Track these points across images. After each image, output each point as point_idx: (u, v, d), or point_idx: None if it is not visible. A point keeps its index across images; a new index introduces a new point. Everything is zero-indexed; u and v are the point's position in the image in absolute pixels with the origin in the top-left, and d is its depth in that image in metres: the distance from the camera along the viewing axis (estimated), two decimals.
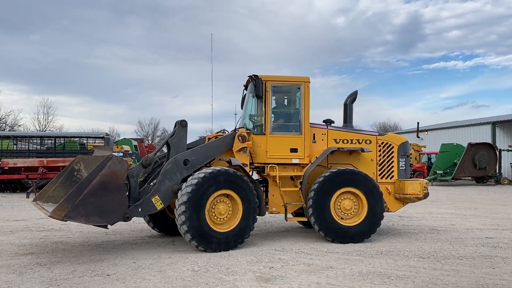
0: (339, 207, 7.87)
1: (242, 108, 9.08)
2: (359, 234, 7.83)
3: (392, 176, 8.66)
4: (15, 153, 22.79)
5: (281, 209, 8.13)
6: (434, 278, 5.57)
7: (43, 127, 52.33)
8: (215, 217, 7.15)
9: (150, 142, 62.44)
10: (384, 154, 8.67)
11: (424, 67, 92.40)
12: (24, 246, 7.44)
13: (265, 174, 8.07)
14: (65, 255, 6.75)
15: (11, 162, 19.81)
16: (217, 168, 7.15)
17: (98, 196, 6.29)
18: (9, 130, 43.18)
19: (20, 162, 19.80)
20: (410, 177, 9.43)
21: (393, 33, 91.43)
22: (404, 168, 8.73)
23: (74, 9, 75.22)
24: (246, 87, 9.03)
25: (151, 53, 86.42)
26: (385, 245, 7.63)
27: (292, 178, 8.22)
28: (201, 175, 6.98)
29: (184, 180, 7.27)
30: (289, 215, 8.54)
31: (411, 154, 32.24)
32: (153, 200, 7.06)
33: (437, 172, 26.71)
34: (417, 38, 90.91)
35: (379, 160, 8.64)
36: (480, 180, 27.00)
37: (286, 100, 8.70)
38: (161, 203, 7.09)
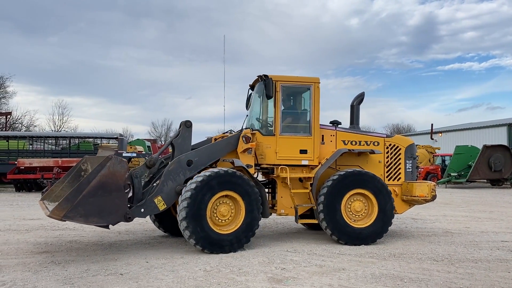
0: (349, 210, 7.82)
1: (247, 108, 9.03)
2: (372, 235, 7.79)
3: (399, 178, 8.63)
4: (30, 153, 23.14)
5: (290, 211, 8.06)
6: (448, 281, 5.51)
7: (58, 127, 53.04)
8: (219, 220, 7.08)
9: (163, 143, 62.85)
10: (391, 156, 8.64)
11: (438, 69, 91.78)
12: (39, 245, 7.55)
13: (274, 175, 7.99)
14: (79, 254, 6.83)
15: (27, 162, 20.11)
16: (207, 173, 6.99)
17: (97, 196, 6.29)
18: (25, 131, 43.84)
19: (36, 162, 20.09)
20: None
21: (407, 35, 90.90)
22: (410, 170, 8.72)
23: (91, 12, 76.37)
24: (252, 87, 8.97)
25: (165, 55, 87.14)
26: (398, 247, 7.57)
27: (300, 179, 8.16)
28: (193, 185, 6.82)
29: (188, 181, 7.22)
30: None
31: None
32: (155, 200, 7.05)
33: (451, 174, 26.38)
34: (432, 40, 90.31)
35: (387, 162, 8.61)
36: (496, 182, 26.59)
37: (295, 101, 8.61)
38: (163, 204, 7.07)
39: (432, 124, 45.94)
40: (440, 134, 44.92)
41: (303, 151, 8.05)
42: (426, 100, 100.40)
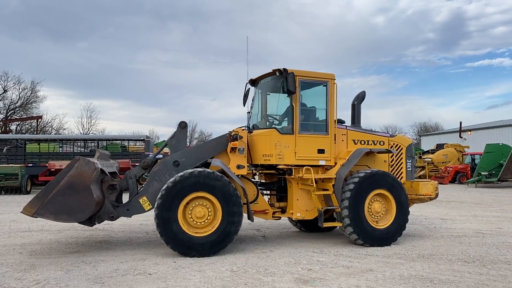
0: (371, 212, 7.64)
1: (244, 105, 8.64)
2: (397, 230, 7.73)
3: (401, 177, 8.56)
4: (60, 156, 23.78)
5: (306, 214, 7.79)
6: (479, 283, 5.38)
7: (87, 130, 54.33)
8: (199, 223, 6.83)
9: (188, 144, 63.48)
10: (395, 155, 8.56)
11: (467, 65, 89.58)
12: (70, 245, 7.75)
13: (292, 176, 7.62)
14: (108, 254, 6.98)
15: (57, 164, 20.68)
16: (164, 186, 6.76)
17: (66, 195, 6.63)
18: (55, 134, 45.10)
19: (66, 164, 20.58)
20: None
21: (435, 31, 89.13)
22: (410, 169, 8.71)
23: (119, 17, 77.90)
24: (253, 82, 8.49)
25: (190, 57, 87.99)
26: (427, 248, 7.42)
27: (315, 180, 7.71)
28: (156, 211, 6.66)
29: None
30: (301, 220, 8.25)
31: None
32: (140, 201, 7.14)
33: (482, 173, 25.70)
34: (460, 36, 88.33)
35: (391, 161, 8.54)
36: None
37: (312, 98, 8.07)
38: (149, 204, 7.11)
39: (460, 122, 45.00)
40: (469, 132, 43.87)
41: (321, 151, 7.78)
42: (455, 97, 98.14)
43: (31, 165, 21.74)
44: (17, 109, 47.16)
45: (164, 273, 5.78)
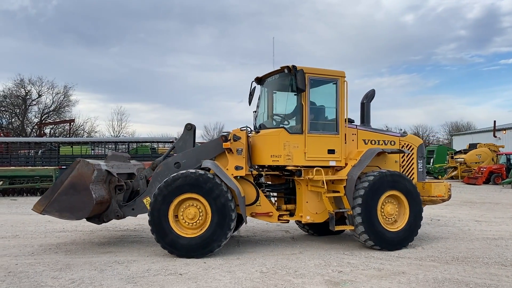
0: (383, 214, 7.37)
1: (249, 104, 8.42)
2: (409, 235, 7.47)
3: (413, 178, 8.30)
4: (92, 158, 24.36)
5: (316, 217, 7.56)
6: None
7: (117, 133, 55.52)
8: (196, 223, 6.83)
9: None
10: (406, 155, 8.32)
11: (501, 62, 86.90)
12: (103, 245, 7.92)
13: (301, 178, 7.36)
14: (140, 254, 7.10)
15: None
16: (155, 192, 6.89)
17: (69, 194, 7.14)
18: (86, 136, 46.31)
19: None
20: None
21: (466, 28, 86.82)
22: (422, 170, 8.46)
23: (149, 22, 79.27)
24: (259, 80, 8.30)
25: (218, 60, 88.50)
26: (462, 251, 7.22)
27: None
28: (149, 217, 6.83)
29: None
30: (303, 222, 7.93)
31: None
32: (144, 201, 7.49)
33: None
34: (493, 32, 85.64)
35: (402, 162, 8.31)
36: None
37: (321, 96, 7.80)
38: None
39: (495, 121, 43.56)
40: (504, 132, 42.44)
41: (331, 151, 7.54)
42: (488, 96, 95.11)
43: (64, 167, 22.32)
44: (51, 113, 48.77)
45: (195, 274, 5.83)
